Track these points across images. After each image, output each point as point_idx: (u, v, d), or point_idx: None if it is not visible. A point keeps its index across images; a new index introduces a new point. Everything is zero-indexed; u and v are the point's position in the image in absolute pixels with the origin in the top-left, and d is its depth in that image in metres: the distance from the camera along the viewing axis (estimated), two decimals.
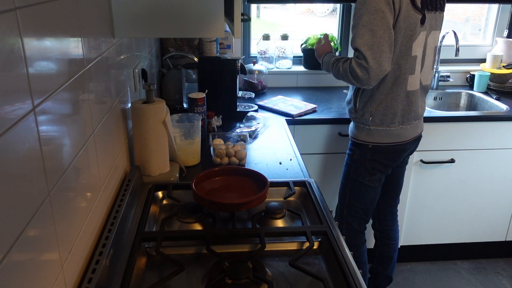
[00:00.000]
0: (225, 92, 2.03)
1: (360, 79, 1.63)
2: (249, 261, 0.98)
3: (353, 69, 1.63)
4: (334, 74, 1.77)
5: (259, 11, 2.95)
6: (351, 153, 1.88)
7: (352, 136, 1.86)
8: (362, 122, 1.79)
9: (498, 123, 2.26)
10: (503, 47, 2.75)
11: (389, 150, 1.79)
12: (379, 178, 1.85)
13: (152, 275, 1.00)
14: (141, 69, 1.59)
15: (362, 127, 1.80)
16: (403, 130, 1.77)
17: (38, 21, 0.69)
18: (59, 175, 0.76)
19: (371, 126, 1.77)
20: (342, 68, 1.69)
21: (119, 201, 1.12)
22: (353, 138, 1.85)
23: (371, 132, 1.78)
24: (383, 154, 1.80)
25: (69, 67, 0.84)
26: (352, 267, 0.96)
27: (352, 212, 1.92)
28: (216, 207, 1.14)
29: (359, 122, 1.81)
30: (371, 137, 1.78)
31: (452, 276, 2.50)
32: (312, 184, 1.33)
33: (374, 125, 1.76)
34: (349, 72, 1.65)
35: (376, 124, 1.76)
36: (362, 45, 1.58)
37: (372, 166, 1.82)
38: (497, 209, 2.46)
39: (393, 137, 1.77)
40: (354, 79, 1.65)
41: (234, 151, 1.56)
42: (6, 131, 0.57)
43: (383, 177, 1.87)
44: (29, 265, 0.64)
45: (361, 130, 1.80)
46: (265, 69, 2.59)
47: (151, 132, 1.32)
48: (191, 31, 1.21)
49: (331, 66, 1.78)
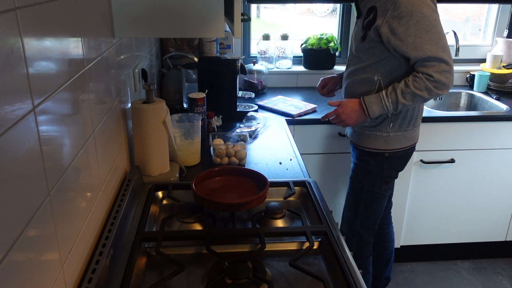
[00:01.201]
0: (225, 92, 2.03)
1: (446, 87, 1.48)
2: (249, 261, 0.98)
3: (438, 81, 1.45)
4: (408, 103, 1.53)
5: (259, 11, 2.95)
6: (365, 164, 1.73)
7: (365, 146, 1.72)
8: (380, 130, 1.66)
9: (498, 123, 2.26)
10: (503, 47, 2.75)
11: (403, 155, 1.73)
12: (392, 185, 1.80)
13: (152, 275, 1.00)
14: (141, 69, 1.59)
15: (378, 135, 1.67)
16: (416, 132, 1.73)
17: (38, 21, 0.69)
18: (59, 175, 0.76)
19: (390, 132, 1.65)
20: (418, 91, 1.48)
21: (119, 201, 1.12)
22: (367, 148, 1.71)
23: (389, 139, 1.66)
24: (398, 160, 1.73)
25: (69, 67, 0.84)
26: (352, 267, 0.96)
27: (366, 223, 1.83)
28: (216, 207, 1.14)
29: (375, 130, 1.67)
30: (389, 145, 1.67)
31: (452, 276, 2.50)
32: (312, 184, 1.33)
33: (393, 131, 1.65)
34: (434, 87, 1.46)
35: (395, 129, 1.65)
36: (436, 51, 1.44)
37: (388, 175, 1.74)
38: (497, 209, 2.46)
39: (409, 140, 1.70)
40: (440, 90, 1.47)
41: (234, 151, 1.56)
42: (6, 131, 0.57)
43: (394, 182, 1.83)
44: (29, 265, 0.64)
45: (377, 138, 1.67)
46: (265, 69, 2.59)
47: (151, 132, 1.32)
48: (191, 31, 1.21)
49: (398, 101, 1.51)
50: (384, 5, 1.49)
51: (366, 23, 1.57)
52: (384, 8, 1.48)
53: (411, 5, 1.43)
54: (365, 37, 1.57)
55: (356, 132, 1.76)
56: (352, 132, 1.81)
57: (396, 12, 1.45)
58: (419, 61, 1.47)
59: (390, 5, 1.46)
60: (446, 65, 1.46)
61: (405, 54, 1.48)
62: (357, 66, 1.64)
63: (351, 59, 1.71)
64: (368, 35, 1.55)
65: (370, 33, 1.54)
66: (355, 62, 1.66)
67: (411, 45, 1.45)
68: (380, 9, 1.50)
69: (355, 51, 1.65)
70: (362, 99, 1.59)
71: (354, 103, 1.61)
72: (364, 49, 1.60)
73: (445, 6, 2.83)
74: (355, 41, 1.65)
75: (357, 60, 1.64)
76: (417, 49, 1.45)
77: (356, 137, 1.76)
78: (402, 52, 1.49)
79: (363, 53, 1.61)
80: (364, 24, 1.58)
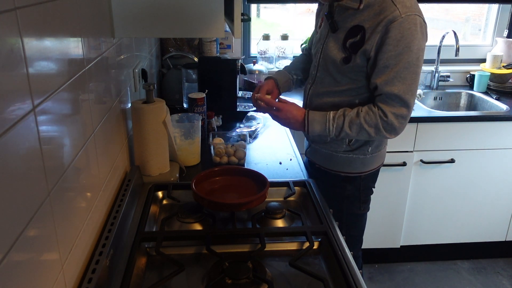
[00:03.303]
0: (225, 92, 2.03)
1: (395, 132, 1.37)
2: (249, 261, 0.98)
3: (390, 123, 1.34)
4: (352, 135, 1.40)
5: (259, 11, 2.95)
6: (341, 190, 1.58)
7: (340, 171, 1.55)
8: (358, 153, 1.51)
9: (498, 123, 2.26)
10: (503, 47, 2.75)
11: (376, 173, 1.61)
12: (370, 201, 1.68)
13: (152, 275, 1.00)
14: (141, 69, 1.59)
15: (355, 157, 1.52)
16: (385, 149, 1.62)
17: (38, 21, 0.69)
18: (59, 175, 0.76)
19: (367, 154, 1.52)
20: (366, 125, 1.36)
21: (119, 201, 1.12)
22: (343, 173, 1.55)
23: (366, 161, 1.53)
24: (372, 178, 1.61)
25: (69, 67, 0.84)
26: (352, 267, 0.96)
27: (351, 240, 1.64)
28: (216, 207, 1.14)
29: (353, 154, 1.52)
30: (366, 166, 1.54)
31: (452, 276, 2.50)
32: (312, 184, 1.33)
33: (370, 153, 1.52)
34: (383, 128, 1.35)
35: (373, 151, 1.52)
36: (405, 93, 1.31)
37: (365, 195, 1.62)
38: (497, 209, 2.46)
39: (381, 158, 1.60)
40: (387, 133, 1.37)
41: (233, 151, 1.56)
42: (6, 131, 0.57)
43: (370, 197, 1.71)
44: (29, 265, 0.64)
45: (354, 161, 1.53)
46: (265, 69, 2.59)
47: (151, 132, 1.32)
48: (191, 31, 1.21)
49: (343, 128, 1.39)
50: (375, 27, 1.31)
51: (350, 44, 1.36)
52: (374, 30, 1.31)
53: (401, 35, 1.28)
54: (349, 60, 1.37)
55: (324, 155, 1.57)
56: (316, 154, 1.61)
57: (385, 36, 1.29)
58: (383, 94, 1.34)
59: (382, 27, 1.29)
60: (407, 110, 1.35)
61: (373, 80, 1.35)
62: (334, 88, 1.45)
63: (323, 77, 1.48)
64: (353, 59, 1.36)
65: (356, 58, 1.35)
66: (330, 83, 1.46)
67: (384, 76, 1.32)
68: (369, 31, 1.32)
69: (332, 71, 1.44)
70: (307, 114, 1.43)
71: (299, 111, 1.45)
72: (344, 71, 1.41)
73: (445, 6, 2.84)
74: (330, 61, 1.43)
75: (332, 80, 1.45)
76: (387, 83, 1.32)
77: (324, 160, 1.58)
78: (371, 77, 1.35)
79: (342, 75, 1.42)
80: (348, 45, 1.37)
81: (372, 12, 1.32)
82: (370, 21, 1.32)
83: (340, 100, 1.45)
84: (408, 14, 1.27)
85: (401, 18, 1.27)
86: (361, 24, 1.34)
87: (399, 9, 1.28)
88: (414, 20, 1.28)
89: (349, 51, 1.37)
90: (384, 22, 1.29)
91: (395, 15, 1.27)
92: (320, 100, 1.50)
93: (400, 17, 1.27)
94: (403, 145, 2.25)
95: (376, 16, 1.31)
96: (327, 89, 1.48)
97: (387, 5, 1.30)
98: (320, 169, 1.60)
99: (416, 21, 1.28)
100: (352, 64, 1.37)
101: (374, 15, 1.31)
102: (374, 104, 1.38)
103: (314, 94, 1.52)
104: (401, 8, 1.28)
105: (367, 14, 1.33)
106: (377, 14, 1.31)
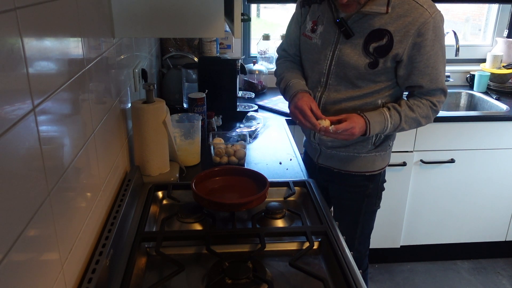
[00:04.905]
0: (225, 92, 2.03)
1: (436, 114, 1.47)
2: (249, 261, 0.98)
3: (437, 111, 1.44)
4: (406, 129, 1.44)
5: (259, 11, 2.95)
6: (363, 189, 1.57)
7: (364, 171, 1.54)
8: (380, 150, 1.53)
9: (498, 123, 2.26)
10: (503, 47, 2.75)
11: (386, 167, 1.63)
12: None
13: (152, 275, 1.00)
14: (141, 69, 1.59)
15: (377, 156, 1.53)
16: None
17: (38, 21, 0.69)
18: (59, 175, 0.76)
19: (388, 149, 1.55)
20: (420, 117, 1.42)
21: (119, 201, 1.12)
22: (367, 172, 1.54)
23: (386, 157, 1.57)
24: (385, 173, 1.63)
25: (69, 67, 0.84)
26: (352, 267, 0.96)
27: (363, 239, 1.72)
28: (216, 207, 1.14)
29: (375, 152, 1.52)
30: (384, 162, 1.57)
31: (452, 276, 2.50)
32: (312, 184, 1.33)
33: (390, 148, 1.57)
34: (432, 116, 1.44)
35: (391, 146, 1.58)
36: (443, 83, 1.41)
37: (381, 190, 1.63)
38: (497, 209, 2.46)
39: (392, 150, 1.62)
40: (430, 120, 1.46)
41: (233, 150, 1.56)
42: (6, 131, 0.57)
43: None
44: (29, 265, 0.64)
45: (376, 159, 1.54)
46: (265, 69, 2.59)
47: (151, 132, 1.32)
48: (191, 31, 1.21)
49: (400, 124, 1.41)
50: (405, 30, 1.29)
51: (375, 48, 1.33)
52: (404, 33, 1.30)
53: (435, 35, 1.31)
54: (376, 65, 1.35)
55: (343, 158, 1.54)
56: (332, 159, 1.57)
57: (420, 39, 1.30)
58: (430, 90, 1.40)
59: (414, 31, 1.29)
60: (445, 97, 1.44)
61: (416, 82, 1.38)
62: (354, 93, 1.42)
63: (336, 84, 1.43)
64: (381, 63, 1.34)
65: (387, 61, 1.34)
66: (347, 89, 1.42)
67: (428, 76, 1.36)
68: (397, 34, 1.30)
69: (351, 77, 1.40)
70: (367, 119, 1.37)
71: (360, 119, 1.37)
72: (365, 76, 1.38)
73: (445, 6, 2.83)
74: (350, 67, 1.38)
75: (349, 85, 1.42)
76: (432, 81, 1.37)
77: (344, 163, 1.55)
78: (413, 80, 1.37)
79: (363, 79, 1.39)
80: (371, 50, 1.34)
81: (394, 14, 1.30)
82: (394, 23, 1.30)
83: (362, 103, 1.43)
84: (436, 13, 1.31)
85: (431, 19, 1.29)
86: (384, 28, 1.31)
87: (427, 9, 1.29)
88: (441, 17, 1.33)
89: (374, 56, 1.35)
90: (415, 25, 1.29)
91: (426, 17, 1.29)
92: (338, 107, 1.45)
93: (431, 17, 1.29)
94: (403, 145, 2.25)
95: (401, 18, 1.30)
96: (344, 95, 1.43)
97: (412, 7, 1.30)
98: (339, 172, 1.57)
99: (441, 17, 1.33)
100: (380, 68, 1.36)
101: (397, 17, 1.30)
102: (418, 97, 1.43)
103: (330, 102, 1.46)
104: (428, 8, 1.30)
105: (388, 16, 1.31)
106: (401, 16, 1.30)
